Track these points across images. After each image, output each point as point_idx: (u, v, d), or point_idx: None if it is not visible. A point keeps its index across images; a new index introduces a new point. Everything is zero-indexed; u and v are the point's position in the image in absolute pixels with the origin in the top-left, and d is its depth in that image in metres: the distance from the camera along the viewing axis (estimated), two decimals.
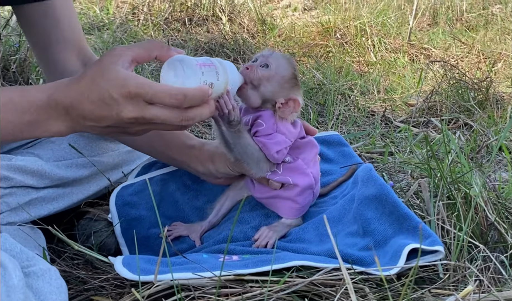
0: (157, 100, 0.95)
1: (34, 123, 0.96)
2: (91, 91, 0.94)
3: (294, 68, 1.23)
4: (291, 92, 1.20)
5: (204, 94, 0.99)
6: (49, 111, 0.96)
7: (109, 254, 1.25)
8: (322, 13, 4.55)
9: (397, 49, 3.63)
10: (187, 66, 1.01)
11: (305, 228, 1.24)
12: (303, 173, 1.24)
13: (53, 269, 0.91)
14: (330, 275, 1.02)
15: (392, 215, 1.15)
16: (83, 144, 1.40)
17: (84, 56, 1.40)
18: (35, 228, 1.23)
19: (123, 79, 0.93)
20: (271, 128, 1.19)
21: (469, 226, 1.19)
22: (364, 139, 2.09)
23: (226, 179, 1.34)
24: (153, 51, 1.01)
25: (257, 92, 1.19)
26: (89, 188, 1.39)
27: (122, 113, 0.94)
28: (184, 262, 1.06)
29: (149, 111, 0.95)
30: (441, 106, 2.41)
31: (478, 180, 1.39)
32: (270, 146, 1.18)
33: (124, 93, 0.93)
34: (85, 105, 0.95)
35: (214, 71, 1.05)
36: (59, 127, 0.98)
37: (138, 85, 0.93)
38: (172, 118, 0.97)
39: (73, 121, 0.97)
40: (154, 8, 3.78)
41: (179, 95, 0.95)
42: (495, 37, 4.11)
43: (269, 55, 1.21)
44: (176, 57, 1.03)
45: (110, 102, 0.93)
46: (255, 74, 1.18)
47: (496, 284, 1.09)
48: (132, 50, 0.99)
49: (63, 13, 1.35)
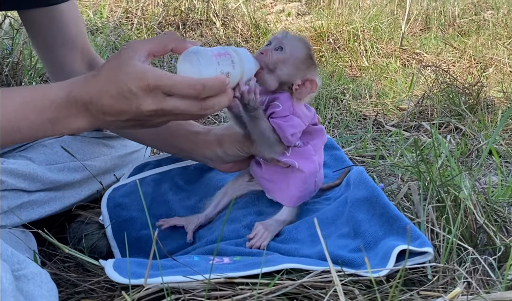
0: (176, 91, 0.96)
1: (55, 120, 0.97)
2: (110, 86, 0.95)
3: (309, 48, 1.23)
4: (307, 73, 1.21)
5: (222, 83, 1.00)
6: (69, 108, 0.97)
7: (100, 256, 1.25)
8: (315, 18, 4.57)
9: (389, 54, 3.65)
10: (203, 57, 1.02)
11: (298, 227, 1.24)
12: (309, 159, 1.25)
13: (43, 272, 0.91)
14: (320, 277, 1.03)
15: (382, 217, 1.16)
16: (75, 148, 1.40)
17: (89, 58, 1.41)
18: (26, 231, 1.23)
19: (141, 72, 0.94)
20: (287, 110, 1.20)
21: (458, 228, 1.20)
22: (356, 143, 2.10)
23: (234, 164, 1.34)
24: (169, 44, 1.02)
25: (273, 75, 1.19)
26: (81, 192, 1.39)
27: (141, 106, 0.95)
28: (175, 265, 1.06)
29: (168, 102, 0.96)
30: (432, 111, 2.43)
31: (467, 183, 1.40)
32: (286, 128, 1.19)
33: (143, 86, 0.94)
34: (104, 100, 0.95)
35: (230, 60, 1.06)
36: (79, 124, 0.98)
37: (156, 78, 0.94)
38: (191, 108, 0.98)
39: (93, 116, 0.98)
40: (148, 12, 3.79)
41: (197, 85, 0.97)
42: (486, 42, 4.15)
43: (283, 37, 1.21)
44: (191, 49, 1.04)
45: (129, 96, 0.94)
46: (270, 58, 1.18)
47: (484, 286, 1.10)
48: (148, 44, 1.00)
49: (69, 16, 1.36)
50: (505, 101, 2.60)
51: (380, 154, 1.90)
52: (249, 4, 4.41)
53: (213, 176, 1.44)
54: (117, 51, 3.04)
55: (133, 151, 1.52)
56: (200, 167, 1.47)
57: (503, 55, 3.68)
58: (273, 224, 1.24)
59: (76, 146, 1.41)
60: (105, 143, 1.46)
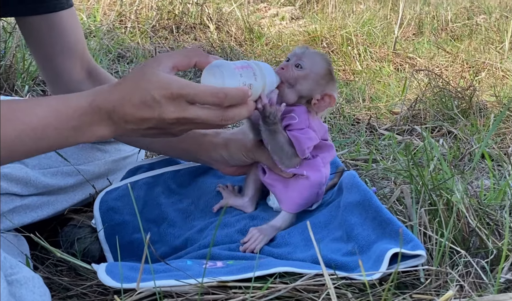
0: (199, 100, 0.97)
1: (78, 129, 0.98)
2: (133, 94, 0.96)
3: (329, 64, 1.25)
4: (326, 88, 1.23)
5: (245, 94, 1.02)
6: (92, 116, 0.98)
7: (93, 260, 1.25)
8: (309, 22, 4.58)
9: (383, 58, 3.67)
10: (226, 69, 1.05)
11: (291, 232, 1.24)
12: (318, 170, 1.26)
13: (36, 276, 0.91)
14: (313, 281, 1.03)
15: (375, 220, 1.17)
16: (69, 152, 1.40)
17: (88, 66, 1.41)
18: (19, 235, 1.23)
19: (165, 81, 0.96)
20: (303, 123, 1.21)
21: (450, 232, 1.20)
22: (349, 147, 2.11)
23: (237, 168, 1.35)
24: (193, 58, 1.04)
25: (293, 90, 1.21)
26: (74, 196, 1.39)
27: (163, 114, 0.96)
28: (168, 269, 1.06)
29: (190, 111, 0.97)
30: (425, 114, 2.44)
31: (460, 187, 1.40)
32: (303, 141, 1.20)
33: (167, 94, 0.95)
34: (127, 108, 0.97)
35: (252, 73, 1.09)
36: (102, 132, 1.00)
37: (180, 86, 0.96)
38: (213, 117, 0.99)
39: (115, 124, 0.99)
40: (142, 15, 3.79)
41: (220, 93, 0.98)
42: (479, 47, 4.17)
43: (302, 54, 1.22)
44: (215, 63, 1.06)
45: (152, 104, 0.95)
46: (291, 74, 1.20)
47: (477, 289, 1.11)
48: (173, 57, 1.02)
49: (69, 24, 1.36)
50: (497, 105, 2.62)
51: (373, 158, 1.91)
52: (243, 8, 4.42)
53: (206, 179, 1.44)
54: (110, 54, 3.05)
55: (127, 156, 1.52)
56: (193, 170, 1.47)
57: (496, 59, 3.70)
58: (268, 229, 1.24)
59: (70, 150, 1.40)
60: (99, 147, 1.46)
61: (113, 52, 3.09)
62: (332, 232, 1.22)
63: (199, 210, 1.36)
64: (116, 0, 3.90)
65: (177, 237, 1.29)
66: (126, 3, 3.89)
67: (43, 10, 1.32)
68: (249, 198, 1.33)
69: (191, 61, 1.04)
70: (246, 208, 1.33)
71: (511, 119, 2.40)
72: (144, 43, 3.45)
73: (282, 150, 1.21)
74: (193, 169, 1.47)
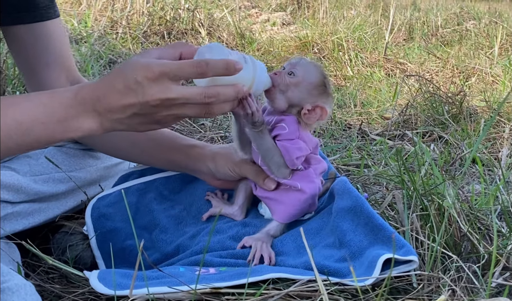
0: (182, 74, 0.98)
1: (64, 121, 0.98)
2: (117, 80, 0.97)
3: (324, 76, 1.24)
4: (319, 100, 1.22)
5: (228, 64, 1.00)
6: (77, 108, 0.98)
7: (85, 267, 1.24)
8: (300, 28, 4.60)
9: (373, 64, 3.69)
10: (215, 47, 1.05)
11: (283, 240, 1.24)
12: (311, 182, 1.26)
13: (28, 284, 0.90)
14: (306, 287, 1.03)
15: (367, 226, 1.17)
16: (60, 159, 1.39)
17: (73, 78, 1.40)
18: (10, 242, 1.22)
19: (147, 63, 0.97)
20: (293, 133, 1.21)
21: (442, 237, 1.21)
22: (341, 152, 2.11)
23: (224, 182, 1.35)
24: (178, 49, 1.04)
25: (284, 96, 1.20)
26: (66, 203, 1.38)
27: (147, 96, 0.96)
28: (160, 275, 1.06)
29: (173, 90, 0.97)
30: (416, 119, 2.45)
31: (451, 192, 1.41)
32: (292, 151, 1.20)
33: (148, 75, 0.96)
34: (111, 96, 0.97)
35: (242, 56, 1.08)
36: (88, 124, 1.00)
37: (161, 65, 0.96)
38: (196, 94, 0.98)
39: (100, 116, 0.99)
40: (133, 21, 3.79)
41: (201, 62, 0.98)
42: (469, 52, 4.21)
43: (296, 63, 1.23)
44: (206, 45, 1.06)
45: (135, 87, 0.96)
46: (283, 80, 1.20)
47: (468, 294, 1.11)
48: (158, 49, 1.03)
49: (54, 35, 1.35)
50: (487, 110, 2.64)
51: (365, 163, 1.91)
52: (234, 14, 4.43)
53: (198, 185, 1.44)
54: (102, 60, 3.04)
55: (119, 162, 1.51)
56: (185, 176, 1.47)
57: (485, 64, 3.73)
58: (265, 237, 1.23)
59: (62, 157, 1.39)
60: (91, 154, 1.46)
61: (104, 58, 3.08)
62: (324, 239, 1.22)
63: (191, 216, 1.36)
64: (107, 6, 3.90)
65: (169, 244, 1.29)
66: (117, 9, 3.88)
67: (29, 20, 1.31)
68: (239, 206, 1.33)
69: (176, 51, 1.04)
70: (236, 216, 1.32)
71: (501, 124, 2.42)
72: (135, 49, 3.45)
73: (268, 157, 1.20)
74: (185, 175, 1.47)
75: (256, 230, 1.26)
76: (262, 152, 1.21)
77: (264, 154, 1.21)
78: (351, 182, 1.42)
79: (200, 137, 2.11)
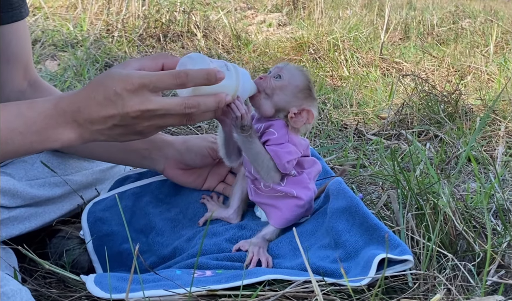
0: (161, 85, 0.97)
1: (43, 132, 0.98)
2: (97, 92, 0.96)
3: (309, 80, 1.25)
4: (304, 103, 1.23)
5: (209, 73, 0.99)
6: (57, 119, 0.98)
7: (82, 272, 1.24)
8: (296, 29, 4.60)
9: (369, 63, 3.69)
10: (196, 58, 1.04)
11: (279, 242, 1.25)
12: (306, 188, 1.26)
13: (24, 289, 0.90)
14: (302, 288, 1.03)
15: (362, 226, 1.17)
16: (56, 163, 1.39)
17: (30, 77, 1.39)
18: (7, 248, 1.22)
19: (126, 75, 0.96)
20: (282, 138, 1.21)
21: (438, 235, 1.21)
22: (337, 152, 2.12)
23: (184, 172, 1.35)
24: (160, 60, 1.04)
25: (270, 101, 1.21)
26: (62, 207, 1.38)
27: (126, 108, 0.95)
28: (157, 278, 1.06)
29: (152, 101, 0.96)
30: (412, 119, 2.46)
31: (446, 191, 1.42)
32: (282, 155, 1.20)
33: (128, 86, 0.95)
34: (91, 108, 0.96)
35: (224, 64, 1.07)
36: (67, 135, 0.99)
37: (141, 76, 0.96)
38: (176, 105, 0.98)
39: (80, 127, 0.98)
40: (129, 24, 3.78)
41: (181, 73, 0.98)
42: (464, 51, 4.21)
43: (282, 67, 1.24)
44: (187, 55, 1.05)
45: (115, 99, 0.95)
46: (268, 84, 1.20)
47: (464, 292, 1.12)
48: (140, 60, 1.02)
49: (21, 33, 1.34)
50: (483, 109, 2.64)
51: (361, 163, 1.92)
52: (230, 16, 4.43)
53: (193, 189, 1.44)
54: (97, 64, 3.04)
55: (114, 165, 1.52)
56: None
57: (481, 63, 3.74)
58: (261, 242, 1.24)
59: (57, 161, 1.40)
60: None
61: (100, 61, 3.08)
62: (319, 240, 1.22)
63: (187, 219, 1.36)
64: (103, 10, 3.89)
65: (166, 246, 1.29)
66: (113, 12, 3.88)
67: (7, 20, 1.29)
68: (234, 209, 1.33)
69: (158, 63, 1.03)
70: (231, 219, 1.33)
71: (497, 122, 2.42)
72: (131, 52, 3.45)
73: (257, 161, 1.20)
74: None
75: (252, 233, 1.27)
76: (251, 157, 1.20)
77: (253, 159, 1.20)
78: (347, 183, 1.42)
79: None
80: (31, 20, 3.60)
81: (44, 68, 2.98)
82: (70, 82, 2.67)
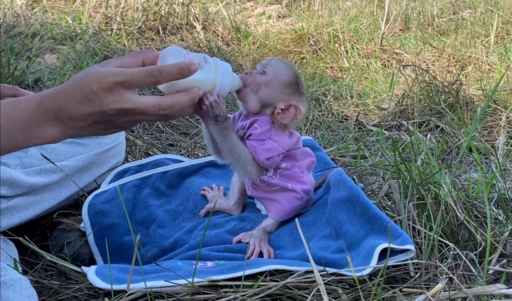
0: (136, 83, 0.97)
1: (27, 130, 0.98)
2: (76, 90, 0.96)
3: (296, 75, 1.23)
4: (292, 98, 1.21)
5: (182, 68, 0.99)
6: (40, 117, 0.97)
7: (83, 264, 1.24)
8: (296, 21, 4.58)
9: (370, 55, 3.67)
10: (173, 52, 1.03)
11: (280, 234, 1.24)
12: (300, 181, 1.26)
13: (23, 278, 0.91)
14: (303, 278, 1.03)
15: (363, 216, 1.17)
16: (49, 149, 1.38)
17: None
18: (7, 240, 1.22)
19: (102, 73, 0.96)
20: (264, 134, 1.20)
21: (439, 225, 1.21)
22: (338, 143, 2.11)
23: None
24: (140, 56, 1.04)
25: (255, 96, 1.20)
26: (60, 194, 1.38)
27: (103, 106, 0.96)
28: (158, 269, 1.06)
29: (128, 100, 0.96)
30: (413, 109, 2.45)
31: (447, 180, 1.41)
32: (259, 152, 1.19)
33: (103, 85, 0.95)
34: (71, 106, 0.96)
35: (202, 57, 1.06)
36: (51, 133, 0.99)
37: (115, 74, 0.95)
38: (150, 107, 0.97)
39: (63, 124, 0.98)
40: (127, 17, 3.77)
41: (154, 70, 0.97)
42: (465, 41, 4.19)
43: (267, 63, 1.22)
44: (165, 49, 1.04)
45: (92, 97, 0.95)
46: (254, 79, 1.19)
47: (466, 281, 1.11)
48: (120, 58, 1.02)
49: None
50: (483, 99, 2.63)
51: (362, 154, 1.91)
52: (229, 8, 4.41)
53: (194, 180, 1.44)
54: (97, 57, 3.03)
55: (109, 148, 1.51)
56: (181, 171, 1.47)
57: (481, 53, 3.72)
58: (262, 234, 1.23)
59: (50, 147, 1.39)
60: (79, 142, 1.45)
61: (99, 54, 3.07)
62: (320, 230, 1.22)
63: (188, 210, 1.36)
64: (102, 2, 3.87)
65: (167, 238, 1.29)
66: (112, 5, 3.86)
67: None
68: (235, 201, 1.33)
69: (138, 59, 1.03)
70: (232, 211, 1.32)
71: (497, 112, 2.41)
72: (130, 45, 3.44)
73: (233, 155, 1.18)
74: (181, 170, 1.47)
75: (253, 225, 1.27)
76: (227, 151, 1.18)
77: (229, 153, 1.18)
78: (348, 174, 1.42)
79: (197, 132, 2.10)
80: (30, 13, 3.59)
81: (43, 61, 2.97)
82: (69, 75, 2.66)
